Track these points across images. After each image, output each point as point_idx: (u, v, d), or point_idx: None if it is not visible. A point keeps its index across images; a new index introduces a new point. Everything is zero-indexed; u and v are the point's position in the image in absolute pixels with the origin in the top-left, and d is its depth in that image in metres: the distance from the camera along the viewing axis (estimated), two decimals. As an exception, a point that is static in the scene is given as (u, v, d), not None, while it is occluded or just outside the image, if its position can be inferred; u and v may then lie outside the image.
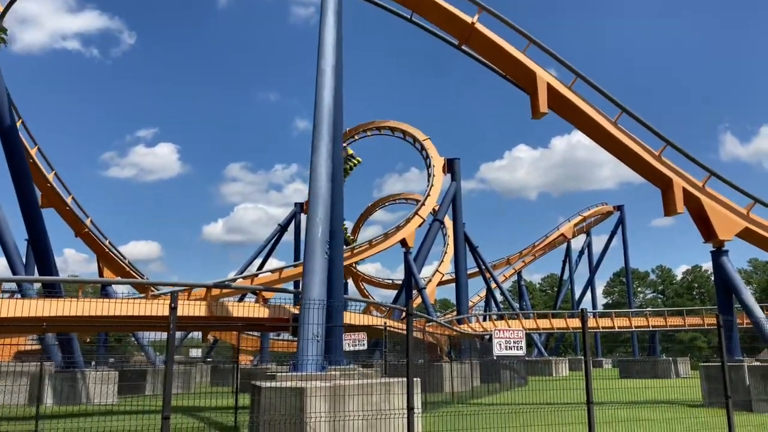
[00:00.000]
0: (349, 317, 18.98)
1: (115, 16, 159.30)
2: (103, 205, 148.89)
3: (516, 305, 69.16)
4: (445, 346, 33.01)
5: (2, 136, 22.94)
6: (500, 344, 9.31)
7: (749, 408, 18.14)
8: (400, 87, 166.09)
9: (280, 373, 10.23)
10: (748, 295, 20.69)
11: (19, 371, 23.35)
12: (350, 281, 62.20)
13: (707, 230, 21.20)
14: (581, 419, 10.77)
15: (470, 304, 64.72)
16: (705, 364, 20.46)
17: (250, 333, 40.40)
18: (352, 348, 15.50)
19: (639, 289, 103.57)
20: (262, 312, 20.19)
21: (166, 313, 18.86)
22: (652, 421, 14.40)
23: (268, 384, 9.53)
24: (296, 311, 21.98)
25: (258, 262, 47.63)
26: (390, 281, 66.66)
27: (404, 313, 34.14)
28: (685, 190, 21.05)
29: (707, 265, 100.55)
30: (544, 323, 44.57)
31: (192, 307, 19.10)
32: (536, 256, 71.20)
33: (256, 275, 35.24)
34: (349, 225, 59.51)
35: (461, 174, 44.42)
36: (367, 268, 73.69)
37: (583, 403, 10.16)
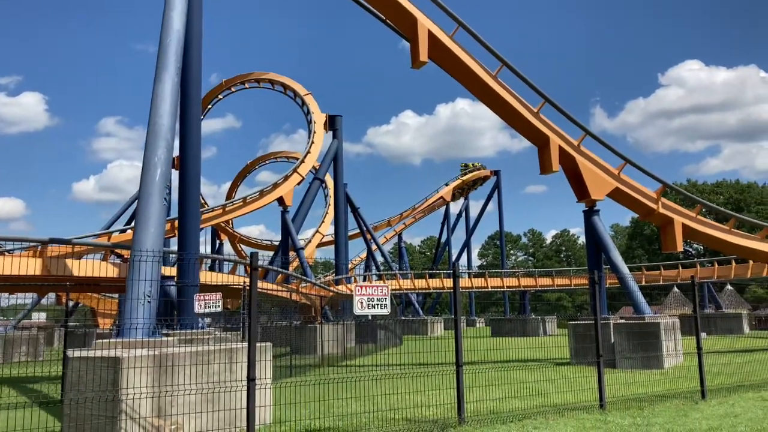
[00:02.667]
0: (205, 276, 17.25)
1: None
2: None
3: (396, 266, 69.46)
4: (320, 307, 31.93)
5: None
6: (362, 302, 8.08)
7: (613, 365, 18.32)
8: (288, 43, 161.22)
9: (100, 341, 8.48)
10: (616, 253, 20.91)
11: None
12: (226, 241, 59.69)
13: (580, 189, 21.16)
14: (451, 384, 9.91)
15: (351, 265, 64.34)
16: (573, 322, 20.56)
17: (109, 295, 37.31)
18: (205, 310, 13.80)
19: (512, 251, 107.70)
20: (110, 271, 18.00)
21: (32, 270, 16.26)
22: (523, 383, 13.92)
23: (77, 353, 7.78)
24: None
25: (126, 220, 44.18)
26: (269, 242, 64.51)
27: (250, 272, 32.50)
28: (561, 148, 20.82)
29: (575, 230, 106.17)
30: (420, 283, 44.59)
31: (23, 264, 16.57)
32: (417, 218, 71.67)
33: (113, 233, 32.17)
34: (227, 185, 56.78)
35: (343, 132, 43.08)
36: (251, 230, 71.43)
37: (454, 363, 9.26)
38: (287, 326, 31.31)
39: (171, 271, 19.12)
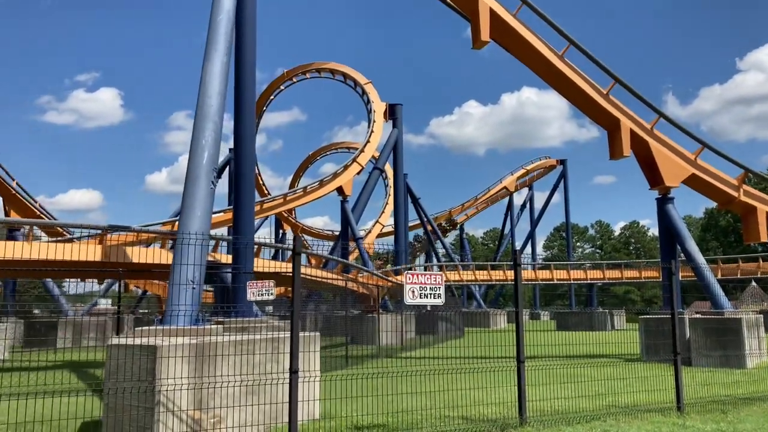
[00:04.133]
0: (261, 263, 16.98)
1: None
2: (39, 150, 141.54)
3: (458, 258, 68.46)
4: (379, 297, 31.50)
5: None
6: (413, 291, 7.45)
7: (689, 363, 17.10)
8: (350, 33, 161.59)
9: (140, 328, 8.16)
10: (692, 243, 19.54)
11: None
12: (289, 232, 60.07)
13: (653, 176, 19.85)
14: (512, 380, 9.20)
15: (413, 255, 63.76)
16: (645, 316, 19.35)
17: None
18: (257, 298, 13.45)
19: (578, 243, 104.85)
20: (165, 257, 17.98)
21: (92, 257, 16.40)
22: (590, 381, 12.98)
23: (116, 341, 7.46)
24: (210, 257, 19.85)
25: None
26: (330, 232, 64.65)
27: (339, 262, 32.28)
28: (632, 131, 19.56)
29: (645, 221, 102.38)
30: (482, 275, 43.56)
31: (83, 251, 16.70)
32: (479, 209, 70.31)
33: (176, 221, 32.55)
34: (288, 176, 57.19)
35: (405, 123, 42.49)
36: (315, 221, 71.81)
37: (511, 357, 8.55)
38: (346, 316, 31.20)
39: (229, 258, 19.02)
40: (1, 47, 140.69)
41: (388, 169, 47.57)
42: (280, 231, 57.93)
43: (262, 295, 13.76)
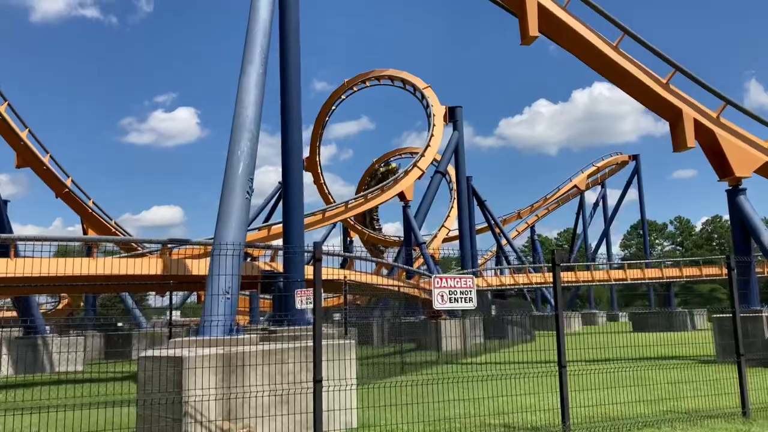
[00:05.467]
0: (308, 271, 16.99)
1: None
2: (123, 170, 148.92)
3: (529, 260, 67.10)
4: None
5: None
6: (442, 296, 7.22)
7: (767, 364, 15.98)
8: (415, 38, 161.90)
9: (174, 339, 8.26)
10: (767, 237, 18.31)
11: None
12: (357, 239, 60.41)
13: (722, 166, 18.76)
14: (570, 386, 8.81)
15: (482, 260, 62.93)
16: (718, 315, 18.27)
17: (241, 293, 38.77)
18: (306, 305, 13.48)
19: (657, 241, 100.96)
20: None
21: (153, 270, 17.01)
22: (655, 385, 12.32)
23: (145, 353, 7.56)
24: (267, 267, 20.10)
25: (259, 222, 45.92)
26: (398, 238, 64.64)
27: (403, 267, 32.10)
28: (696, 121, 18.55)
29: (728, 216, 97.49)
30: (537, 278, 42.48)
31: (145, 265, 17.25)
32: (550, 209, 68.70)
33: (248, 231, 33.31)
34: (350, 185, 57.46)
35: (474, 125, 42.23)
36: (387, 229, 71.82)
37: (583, 360, 8.17)
38: (400, 322, 30.96)
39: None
40: (86, 74, 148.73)
41: (453, 172, 47.16)
42: (348, 239, 58.32)
43: (308, 303, 13.83)
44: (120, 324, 38.60)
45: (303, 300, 13.62)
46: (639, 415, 9.31)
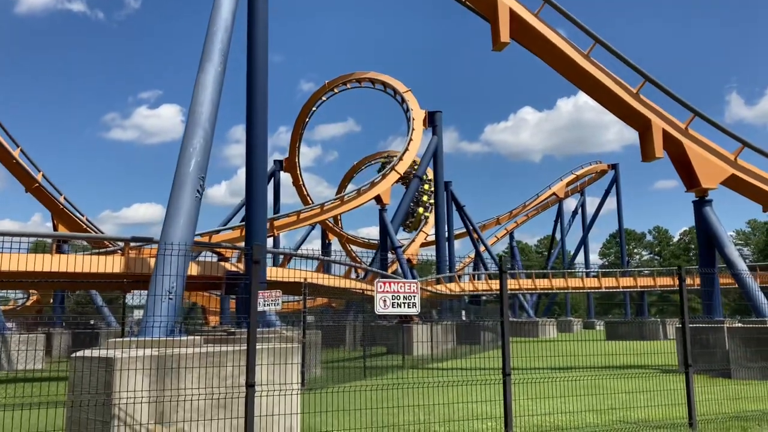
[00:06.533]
0: (270, 272, 16.88)
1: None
2: (105, 166, 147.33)
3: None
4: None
5: None
6: (384, 300, 7.10)
7: (728, 375, 16.05)
8: (402, 43, 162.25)
9: (110, 339, 8.06)
10: (732, 248, 18.44)
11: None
12: (335, 241, 60.19)
13: (689, 177, 18.86)
14: (522, 393, 8.77)
15: (460, 266, 62.94)
16: (680, 325, 18.28)
17: (212, 292, 38.43)
18: (264, 308, 13.35)
19: (635, 250, 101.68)
20: (191, 269, 18.07)
21: (116, 269, 16.72)
22: (610, 394, 12.30)
23: (78, 353, 7.36)
24: (233, 268, 19.88)
25: (236, 221, 45.59)
26: (376, 241, 64.54)
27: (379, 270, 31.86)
28: (665, 131, 18.64)
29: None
30: (527, 283, 42.56)
31: (103, 262, 16.98)
32: (529, 216, 69.14)
33: (217, 231, 33.05)
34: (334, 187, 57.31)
35: (460, 131, 42.27)
36: (370, 231, 71.54)
37: (546, 368, 8.08)
38: (384, 325, 30.84)
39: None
40: (71, 68, 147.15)
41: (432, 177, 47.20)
42: (326, 240, 58.07)
43: (269, 304, 13.68)
44: (92, 322, 38.08)
45: (262, 302, 13.50)
46: (587, 425, 9.26)
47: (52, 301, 36.74)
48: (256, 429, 7.65)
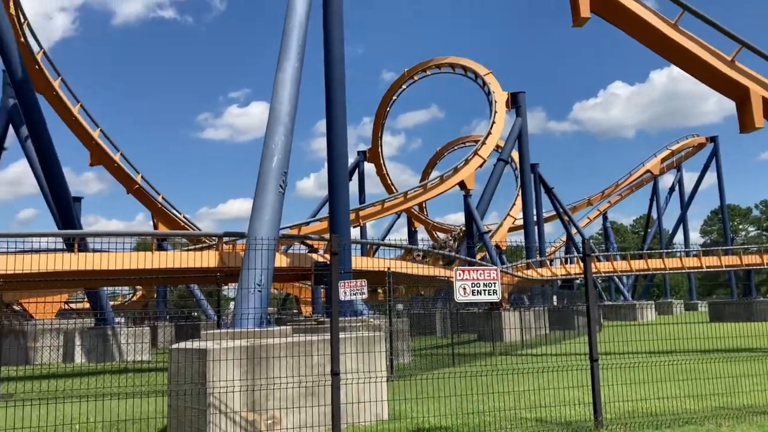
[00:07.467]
0: (356, 262, 17.13)
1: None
2: (201, 165, 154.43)
3: (601, 248, 65.23)
4: (506, 293, 30.70)
5: (17, 91, 22.31)
6: (464, 288, 7.09)
7: None
8: (482, 25, 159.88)
9: (205, 332, 8.46)
10: None
11: (56, 329, 23.14)
12: (421, 229, 60.42)
13: (794, 147, 17.62)
14: (619, 378, 8.60)
15: (551, 249, 61.66)
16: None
17: (304, 283, 39.44)
18: (349, 297, 13.59)
19: (741, 226, 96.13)
20: (280, 261, 18.67)
21: (211, 264, 17.61)
22: (713, 379, 11.70)
23: (176, 345, 7.78)
24: (320, 259, 20.33)
25: (325, 212, 46.57)
26: (461, 227, 64.15)
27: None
28: (765, 99, 17.48)
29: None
30: (621, 265, 41.11)
31: (198, 258, 17.81)
32: (622, 195, 66.61)
33: (307, 224, 33.91)
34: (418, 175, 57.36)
35: (547, 110, 41.55)
36: (457, 218, 71.15)
37: (643, 352, 7.89)
38: (474, 312, 30.70)
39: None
40: (165, 72, 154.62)
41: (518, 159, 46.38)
42: (412, 228, 58.30)
43: (355, 294, 13.92)
44: (194, 314, 40.01)
45: (347, 291, 13.75)
46: (684, 411, 8.89)
47: (155, 295, 38.80)
48: (344, 416, 7.84)
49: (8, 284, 16.48)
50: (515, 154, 43.41)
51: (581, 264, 41.86)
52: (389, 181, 53.12)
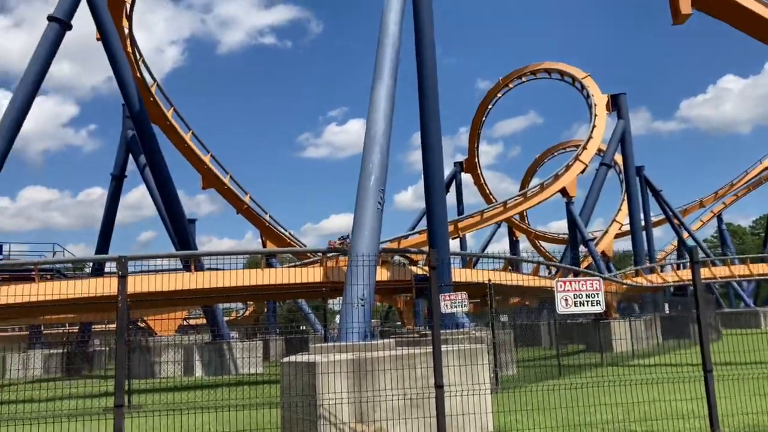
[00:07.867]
0: (455, 274, 17.17)
1: (302, 6, 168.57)
2: (304, 183, 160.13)
3: (717, 253, 61.63)
4: (614, 302, 29.70)
5: (135, 123, 24.10)
6: (566, 299, 7.09)
7: None
8: (577, 28, 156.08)
9: (316, 345, 8.86)
10: None
11: (177, 344, 24.65)
12: (523, 239, 59.41)
13: None
14: (737, 391, 8.26)
15: (662, 255, 58.95)
16: None
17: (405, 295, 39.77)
18: (450, 310, 13.72)
19: None
20: (381, 274, 19.06)
21: (316, 279, 18.38)
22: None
23: (287, 359, 8.21)
24: (419, 271, 20.56)
25: (424, 225, 46.93)
26: (565, 235, 62.60)
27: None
28: None
29: None
30: (739, 269, 38.72)
31: (304, 273, 18.51)
32: (738, 196, 62.55)
33: (406, 236, 34.29)
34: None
35: (652, 110, 40.21)
36: (561, 226, 69.49)
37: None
38: (581, 323, 29.91)
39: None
40: (267, 96, 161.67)
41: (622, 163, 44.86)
42: (514, 238, 57.48)
43: (455, 306, 14.03)
44: (303, 328, 41.38)
45: (448, 304, 13.89)
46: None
47: (266, 310, 40.40)
48: (449, 428, 7.98)
49: (134, 303, 17.78)
50: (618, 158, 42.08)
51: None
52: (487, 191, 52.74)
